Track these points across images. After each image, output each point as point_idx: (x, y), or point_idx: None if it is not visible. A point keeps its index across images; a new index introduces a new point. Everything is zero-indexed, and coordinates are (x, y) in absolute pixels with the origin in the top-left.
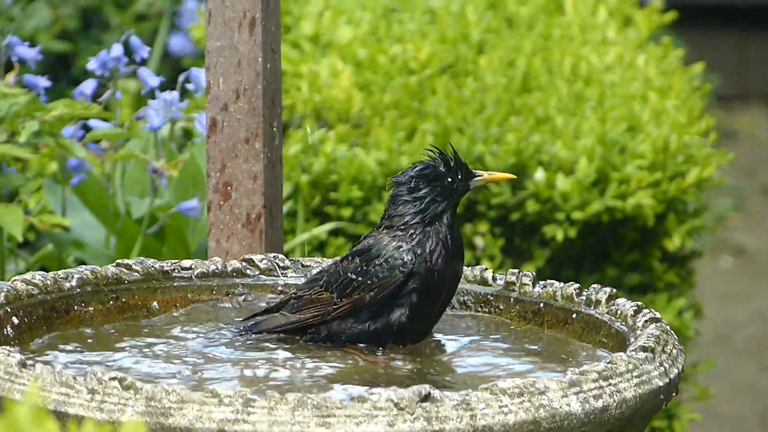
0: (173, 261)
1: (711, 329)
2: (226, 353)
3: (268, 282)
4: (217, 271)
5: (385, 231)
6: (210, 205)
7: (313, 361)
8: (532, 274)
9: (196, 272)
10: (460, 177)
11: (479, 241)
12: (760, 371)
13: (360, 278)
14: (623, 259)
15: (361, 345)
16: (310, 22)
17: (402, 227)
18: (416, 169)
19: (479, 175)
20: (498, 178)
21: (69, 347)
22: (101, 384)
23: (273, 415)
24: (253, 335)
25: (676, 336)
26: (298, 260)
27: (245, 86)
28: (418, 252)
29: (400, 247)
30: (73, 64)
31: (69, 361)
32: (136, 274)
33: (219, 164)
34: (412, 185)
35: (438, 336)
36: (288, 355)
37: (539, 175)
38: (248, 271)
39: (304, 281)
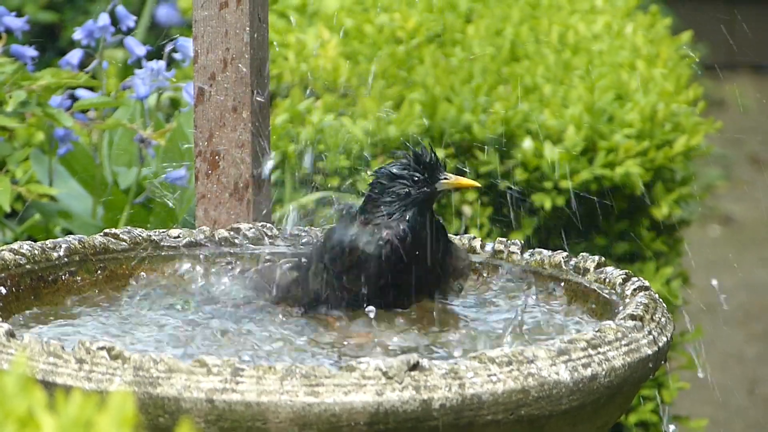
0: (161, 230)
1: (698, 298)
2: (217, 324)
3: (256, 251)
4: (204, 240)
5: (356, 222)
6: (197, 175)
7: (303, 330)
8: (520, 243)
9: (183, 241)
10: (426, 177)
11: (467, 210)
12: (747, 340)
13: (336, 250)
14: (611, 228)
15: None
16: None
17: (370, 220)
18: (388, 165)
19: (446, 178)
20: (465, 185)
21: (55, 318)
22: (89, 353)
23: (261, 384)
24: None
25: (664, 304)
26: (286, 229)
27: (232, 55)
28: (383, 234)
29: (371, 231)
30: (60, 34)
31: (57, 332)
32: (123, 243)
33: (206, 133)
34: (385, 179)
35: (425, 304)
36: (281, 324)
37: (527, 144)
38: (236, 241)
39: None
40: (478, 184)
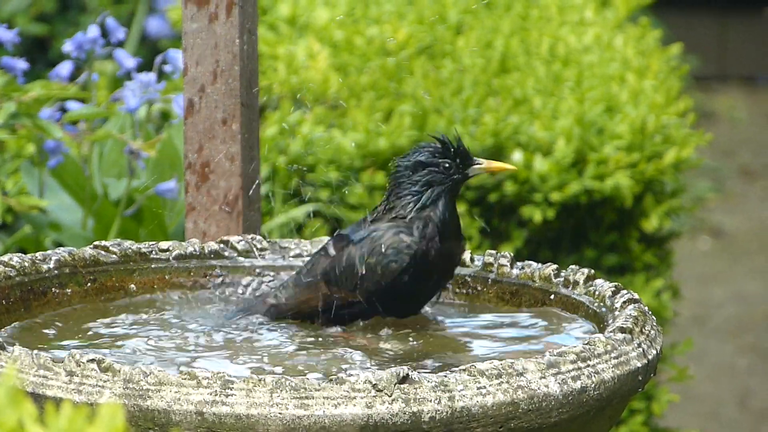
0: (151, 243)
1: (689, 310)
2: (210, 338)
3: (245, 264)
4: (194, 252)
5: (385, 219)
6: (187, 187)
7: (295, 344)
8: (510, 255)
9: (173, 254)
10: (458, 163)
11: None
12: (738, 352)
13: (365, 268)
14: (601, 240)
15: (338, 328)
16: (287, 3)
17: (400, 214)
18: (415, 153)
19: (479, 163)
20: (497, 168)
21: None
22: (79, 366)
23: (251, 396)
24: (241, 321)
25: (654, 317)
26: (276, 242)
27: (222, 68)
28: (415, 236)
29: (401, 232)
30: (51, 46)
31: (48, 343)
32: (113, 255)
33: (196, 145)
34: (410, 169)
35: (420, 318)
36: (271, 338)
37: (517, 156)
38: (226, 253)
39: (289, 277)
40: (513, 168)
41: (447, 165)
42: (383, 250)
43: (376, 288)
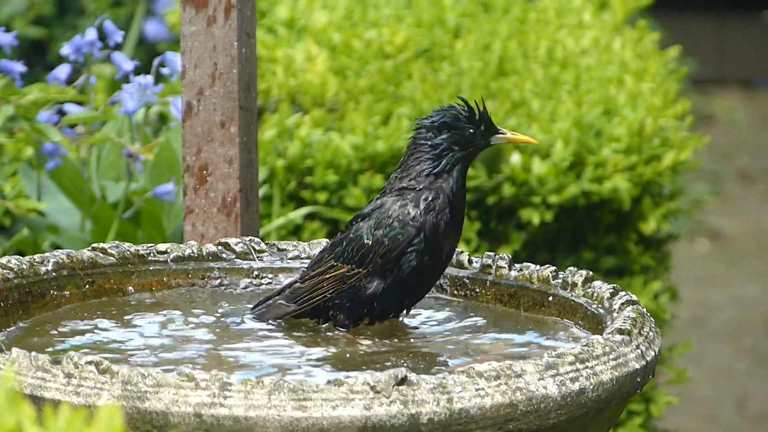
0: (149, 245)
1: (687, 312)
2: (208, 336)
3: (243, 266)
4: (192, 255)
5: (393, 190)
6: (185, 189)
7: (293, 345)
8: (508, 257)
9: (171, 256)
10: (482, 129)
11: None
12: (736, 355)
13: (372, 241)
14: (599, 243)
15: (343, 329)
16: (285, 6)
17: (412, 182)
18: (438, 114)
19: (502, 133)
20: (521, 140)
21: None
22: (77, 368)
23: (249, 398)
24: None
25: (652, 319)
26: (274, 244)
27: (220, 71)
28: (423, 207)
29: (406, 204)
30: (49, 50)
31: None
32: (111, 258)
33: (194, 148)
34: (433, 131)
35: (416, 318)
36: (270, 339)
37: (515, 158)
38: (224, 255)
39: (306, 267)
40: (534, 141)
41: (472, 130)
42: (390, 222)
43: (384, 263)
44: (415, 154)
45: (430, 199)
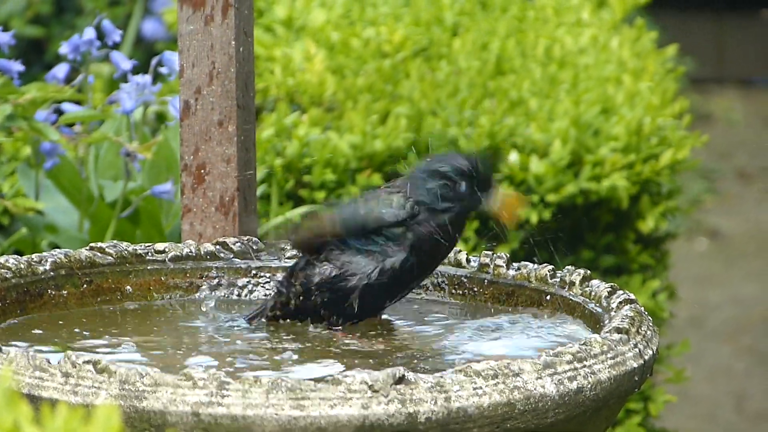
0: (147, 244)
1: (685, 311)
2: (207, 338)
3: (241, 265)
4: (190, 254)
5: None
6: (183, 189)
7: (289, 344)
8: (506, 256)
9: (169, 255)
10: (476, 190)
11: None
12: (735, 354)
13: (365, 210)
14: (598, 241)
15: (336, 328)
16: (283, 5)
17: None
18: (440, 160)
19: (493, 199)
20: (505, 218)
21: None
22: (75, 367)
23: (247, 397)
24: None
25: (650, 317)
26: (272, 243)
27: (218, 70)
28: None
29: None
30: (47, 49)
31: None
32: (109, 257)
33: (192, 147)
34: (429, 173)
35: (412, 316)
36: (266, 337)
37: (513, 157)
38: (222, 254)
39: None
40: (523, 203)
41: (464, 189)
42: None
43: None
44: (412, 188)
45: (395, 254)
